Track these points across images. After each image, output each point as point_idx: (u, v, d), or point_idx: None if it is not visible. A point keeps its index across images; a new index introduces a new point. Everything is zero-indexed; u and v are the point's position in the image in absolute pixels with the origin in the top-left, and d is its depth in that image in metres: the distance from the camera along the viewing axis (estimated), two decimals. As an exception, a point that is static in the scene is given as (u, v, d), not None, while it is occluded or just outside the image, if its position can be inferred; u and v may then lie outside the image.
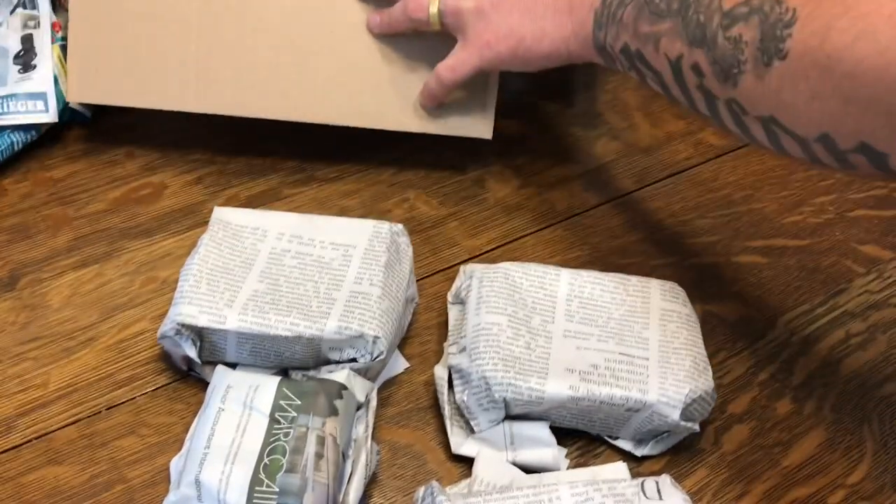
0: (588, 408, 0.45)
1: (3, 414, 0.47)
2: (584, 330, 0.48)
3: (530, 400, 0.45)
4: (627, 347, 0.47)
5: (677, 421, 0.45)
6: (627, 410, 0.45)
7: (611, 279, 0.51)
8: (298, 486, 0.40)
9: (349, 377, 0.46)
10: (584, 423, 0.47)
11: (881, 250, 0.59)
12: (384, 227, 0.52)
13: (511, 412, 0.46)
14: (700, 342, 0.48)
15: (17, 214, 0.58)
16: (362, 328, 0.46)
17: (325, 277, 0.49)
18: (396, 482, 0.46)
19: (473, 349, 0.46)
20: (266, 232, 0.51)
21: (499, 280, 0.50)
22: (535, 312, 0.49)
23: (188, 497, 0.41)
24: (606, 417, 0.46)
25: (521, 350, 0.46)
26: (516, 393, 0.45)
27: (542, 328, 0.48)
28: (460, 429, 0.47)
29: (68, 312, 0.52)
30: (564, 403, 0.45)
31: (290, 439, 0.42)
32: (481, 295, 0.49)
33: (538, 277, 0.50)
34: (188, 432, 0.45)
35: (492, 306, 0.48)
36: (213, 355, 0.48)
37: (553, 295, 0.50)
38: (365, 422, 0.45)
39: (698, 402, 0.46)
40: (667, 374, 0.46)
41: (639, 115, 0.69)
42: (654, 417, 0.45)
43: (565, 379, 0.45)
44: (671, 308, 0.49)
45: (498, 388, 0.45)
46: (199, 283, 0.48)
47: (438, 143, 0.65)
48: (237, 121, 0.65)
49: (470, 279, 0.51)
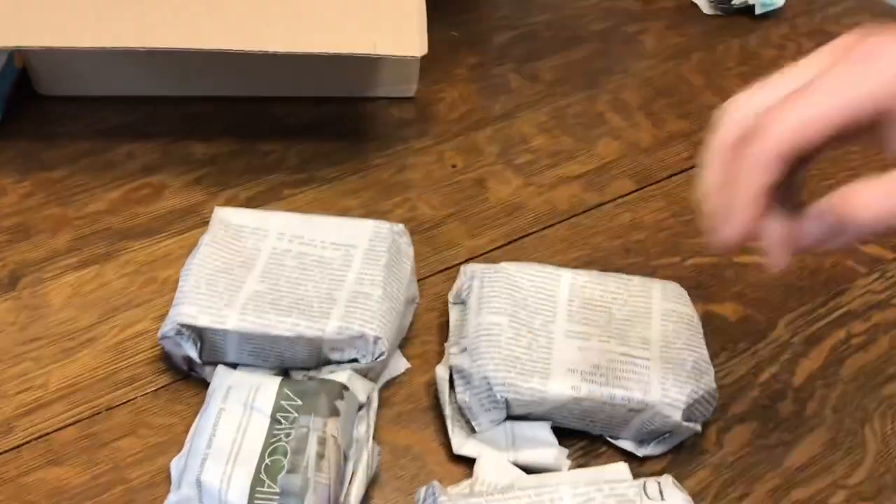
0: (590, 408, 0.45)
1: (3, 414, 0.47)
2: (585, 330, 0.48)
3: (532, 400, 0.45)
4: (629, 348, 0.47)
5: (679, 421, 0.45)
6: (629, 411, 0.45)
7: (612, 280, 0.51)
8: (300, 486, 0.40)
9: (350, 377, 0.45)
10: (585, 424, 0.47)
11: (883, 250, 0.59)
12: (385, 226, 0.52)
13: (512, 412, 0.46)
14: (702, 343, 0.48)
15: (17, 214, 0.58)
16: (363, 328, 0.46)
17: (326, 277, 0.49)
18: (397, 483, 0.46)
19: (475, 349, 0.46)
20: (267, 232, 0.51)
21: (500, 281, 0.49)
22: (537, 313, 0.48)
23: (189, 498, 0.41)
24: (608, 418, 0.46)
25: (523, 350, 0.46)
26: (517, 393, 0.44)
27: (543, 329, 0.48)
28: (461, 429, 0.47)
29: (68, 313, 0.52)
30: (566, 404, 0.45)
31: (291, 440, 0.42)
32: (482, 295, 0.49)
33: (539, 278, 0.50)
34: (189, 433, 0.45)
35: (493, 307, 0.48)
36: (213, 356, 0.48)
37: (554, 296, 0.50)
38: (366, 422, 0.45)
39: (700, 403, 0.46)
40: (668, 374, 0.46)
41: (640, 114, 0.69)
42: (656, 418, 0.45)
43: (567, 379, 0.45)
44: (673, 308, 0.49)
45: (499, 389, 0.45)
46: (199, 284, 0.48)
47: (438, 142, 0.65)
48: (237, 121, 0.65)
49: (471, 280, 0.51)
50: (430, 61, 0.71)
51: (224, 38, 0.54)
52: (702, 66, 0.74)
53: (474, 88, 0.70)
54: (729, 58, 0.74)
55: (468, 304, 0.49)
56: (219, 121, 0.65)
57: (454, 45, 0.74)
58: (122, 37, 0.53)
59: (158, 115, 0.65)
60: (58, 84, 0.66)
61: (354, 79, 0.67)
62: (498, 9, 0.78)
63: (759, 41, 0.76)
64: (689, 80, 0.72)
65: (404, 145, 0.64)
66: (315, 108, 0.67)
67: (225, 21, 0.55)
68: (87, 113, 0.65)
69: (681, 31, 0.77)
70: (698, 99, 0.70)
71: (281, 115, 0.66)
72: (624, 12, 0.79)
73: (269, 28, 0.55)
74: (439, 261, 0.57)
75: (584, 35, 0.76)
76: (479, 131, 0.66)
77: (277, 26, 0.55)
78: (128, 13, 0.54)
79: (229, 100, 0.67)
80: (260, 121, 0.66)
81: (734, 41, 0.76)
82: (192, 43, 0.54)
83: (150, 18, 0.54)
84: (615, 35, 0.76)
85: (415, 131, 0.66)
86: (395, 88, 0.68)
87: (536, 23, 0.77)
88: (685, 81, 0.72)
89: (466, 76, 0.71)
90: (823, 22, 0.79)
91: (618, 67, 0.73)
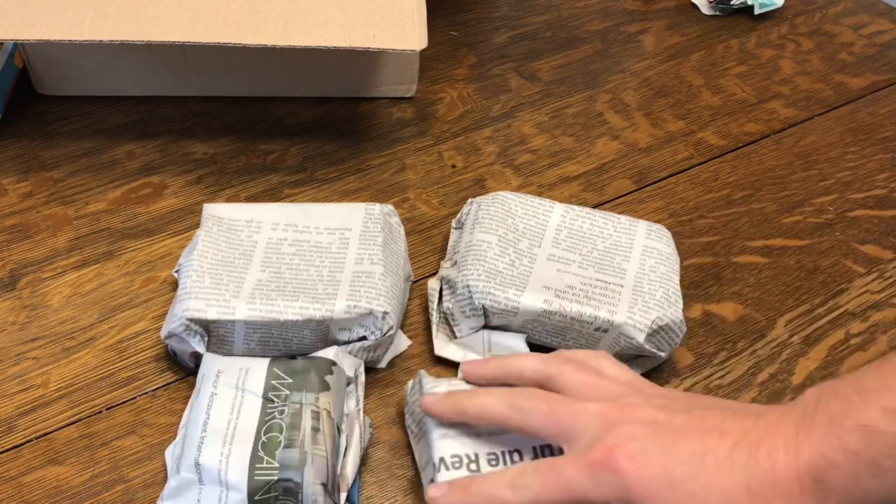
0: (560, 324, 0.48)
1: (4, 414, 0.47)
2: (567, 256, 0.51)
3: (506, 309, 0.48)
4: (605, 275, 0.50)
5: (642, 344, 0.48)
6: (596, 330, 0.48)
7: (601, 216, 0.54)
8: (298, 459, 0.41)
9: (337, 353, 0.46)
10: (557, 342, 0.50)
11: (881, 250, 0.59)
12: (376, 207, 0.53)
13: (490, 322, 0.50)
14: (676, 279, 0.51)
15: (18, 214, 0.58)
16: (371, 305, 0.47)
17: (326, 261, 0.50)
18: (397, 482, 0.46)
19: (463, 262, 0.50)
20: (260, 224, 0.52)
21: (496, 205, 0.53)
22: (525, 237, 0.52)
23: (189, 481, 0.41)
24: (577, 336, 0.49)
25: (505, 266, 0.50)
26: (494, 301, 0.48)
27: (528, 250, 0.51)
28: (445, 336, 0.51)
29: (68, 312, 0.52)
30: (538, 317, 0.48)
31: (285, 416, 0.42)
32: (478, 217, 0.53)
33: (533, 207, 0.54)
34: (181, 421, 0.46)
35: (485, 226, 0.52)
36: (220, 349, 0.48)
37: (544, 224, 0.53)
38: (355, 397, 0.46)
39: (665, 331, 0.48)
40: (637, 300, 0.49)
41: (639, 114, 0.69)
42: (621, 339, 0.48)
43: (541, 294, 0.48)
44: (654, 247, 0.52)
45: (478, 296, 0.48)
46: (202, 278, 0.48)
47: (438, 142, 0.65)
48: (237, 121, 0.65)
49: (471, 206, 0.55)
50: (429, 61, 0.71)
51: (222, 33, 0.54)
52: (701, 66, 0.74)
53: (474, 88, 0.70)
54: (728, 58, 0.74)
55: (464, 226, 0.54)
56: (219, 121, 0.65)
57: (454, 45, 0.74)
58: (119, 30, 0.53)
59: (158, 114, 0.65)
60: (58, 84, 0.66)
61: (354, 79, 0.67)
62: (498, 9, 0.78)
63: (759, 41, 0.77)
64: (689, 80, 0.72)
65: (404, 145, 0.64)
66: (315, 108, 0.67)
67: (223, 15, 0.55)
68: (87, 113, 0.65)
69: (680, 31, 0.77)
70: (697, 99, 0.70)
71: (281, 115, 0.66)
72: (623, 12, 0.79)
73: (267, 23, 0.55)
74: (438, 260, 0.57)
75: (584, 35, 0.76)
76: (478, 131, 0.66)
77: (276, 21, 0.55)
78: (126, 7, 0.54)
79: (230, 100, 0.67)
80: (260, 121, 0.66)
81: (733, 41, 0.76)
82: (190, 37, 0.54)
83: (148, 12, 0.54)
84: (615, 35, 0.76)
85: (414, 131, 0.66)
86: (394, 88, 0.68)
87: (536, 23, 0.77)
88: (684, 81, 0.72)
89: (466, 76, 0.71)
90: (823, 21, 0.79)
91: (617, 67, 0.73)
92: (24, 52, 0.64)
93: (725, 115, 0.69)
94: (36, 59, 0.64)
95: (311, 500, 0.41)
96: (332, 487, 0.42)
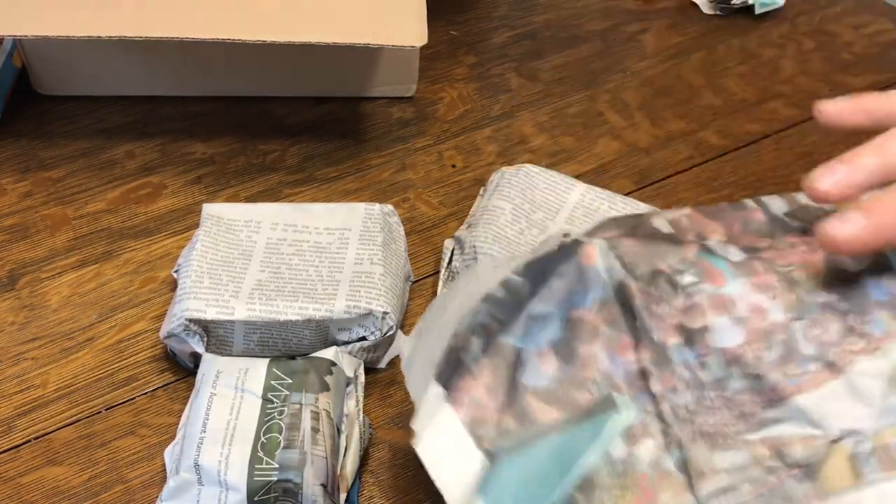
0: None
1: (2, 414, 0.47)
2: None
3: None
4: None
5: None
6: None
7: (622, 200, 0.54)
8: (298, 460, 0.41)
9: (337, 354, 0.46)
10: None
11: (882, 250, 0.59)
12: (375, 207, 0.53)
13: None
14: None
15: (17, 214, 0.58)
16: (370, 305, 0.47)
17: (326, 261, 0.49)
18: (397, 482, 0.46)
19: (475, 224, 0.53)
20: (259, 224, 0.52)
21: (519, 176, 0.55)
22: (541, 209, 0.53)
23: (188, 481, 0.41)
24: None
25: (514, 234, 0.52)
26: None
27: (540, 222, 0.53)
28: None
29: (67, 312, 0.52)
30: None
31: (284, 417, 0.42)
32: (499, 185, 0.55)
33: (555, 182, 0.55)
34: (180, 422, 0.45)
35: (503, 194, 0.54)
36: (219, 350, 0.48)
37: (563, 200, 0.54)
38: (354, 397, 0.46)
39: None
40: None
41: (639, 114, 0.69)
42: None
43: None
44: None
45: (482, 257, 0.50)
46: (201, 278, 0.48)
47: (438, 142, 0.65)
48: (237, 121, 0.65)
49: (497, 175, 0.56)
50: (429, 61, 0.71)
51: (221, 29, 0.54)
52: (702, 65, 0.73)
53: (474, 88, 0.70)
54: (729, 57, 0.74)
55: (485, 192, 0.56)
56: (219, 121, 0.65)
57: (454, 45, 0.74)
58: (118, 26, 0.53)
59: (158, 114, 0.65)
60: (57, 84, 0.66)
61: (354, 78, 0.67)
62: (497, 8, 0.78)
63: (759, 41, 0.76)
64: (689, 79, 0.72)
65: (404, 145, 0.64)
66: (315, 108, 0.67)
67: (222, 12, 0.55)
68: (86, 113, 0.65)
69: (681, 31, 0.77)
70: (698, 99, 0.70)
71: (281, 114, 0.66)
72: (624, 12, 0.79)
73: (266, 19, 0.55)
74: (438, 261, 0.57)
75: (584, 35, 0.76)
76: (478, 131, 0.66)
77: (275, 17, 0.55)
78: (125, 3, 0.54)
79: (229, 100, 0.67)
80: (260, 121, 0.66)
81: (734, 41, 0.76)
82: (188, 33, 0.54)
83: (147, 8, 0.54)
84: (615, 35, 0.76)
85: (414, 131, 0.66)
86: (394, 88, 0.68)
87: (536, 22, 0.77)
88: (685, 81, 0.72)
89: (466, 76, 0.71)
90: (823, 21, 0.79)
91: (617, 67, 0.73)
92: (24, 52, 0.64)
93: (726, 114, 0.69)
94: (35, 59, 0.64)
95: (310, 500, 0.41)
96: (332, 488, 0.41)
